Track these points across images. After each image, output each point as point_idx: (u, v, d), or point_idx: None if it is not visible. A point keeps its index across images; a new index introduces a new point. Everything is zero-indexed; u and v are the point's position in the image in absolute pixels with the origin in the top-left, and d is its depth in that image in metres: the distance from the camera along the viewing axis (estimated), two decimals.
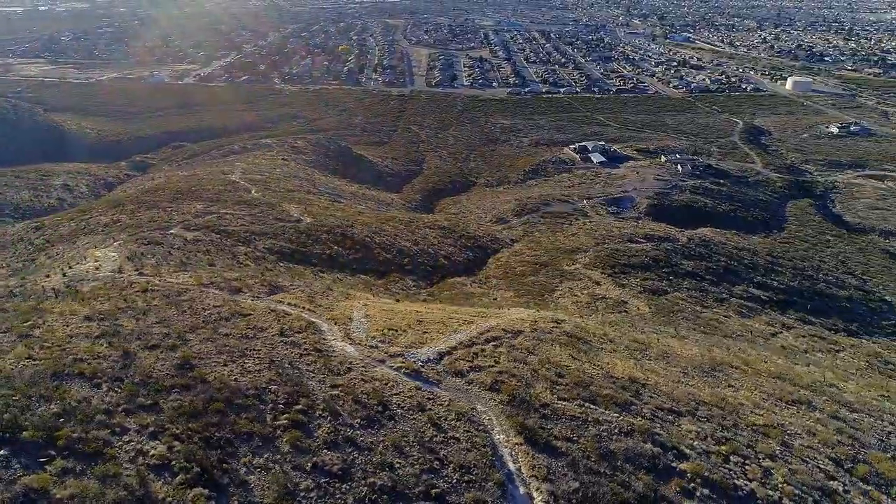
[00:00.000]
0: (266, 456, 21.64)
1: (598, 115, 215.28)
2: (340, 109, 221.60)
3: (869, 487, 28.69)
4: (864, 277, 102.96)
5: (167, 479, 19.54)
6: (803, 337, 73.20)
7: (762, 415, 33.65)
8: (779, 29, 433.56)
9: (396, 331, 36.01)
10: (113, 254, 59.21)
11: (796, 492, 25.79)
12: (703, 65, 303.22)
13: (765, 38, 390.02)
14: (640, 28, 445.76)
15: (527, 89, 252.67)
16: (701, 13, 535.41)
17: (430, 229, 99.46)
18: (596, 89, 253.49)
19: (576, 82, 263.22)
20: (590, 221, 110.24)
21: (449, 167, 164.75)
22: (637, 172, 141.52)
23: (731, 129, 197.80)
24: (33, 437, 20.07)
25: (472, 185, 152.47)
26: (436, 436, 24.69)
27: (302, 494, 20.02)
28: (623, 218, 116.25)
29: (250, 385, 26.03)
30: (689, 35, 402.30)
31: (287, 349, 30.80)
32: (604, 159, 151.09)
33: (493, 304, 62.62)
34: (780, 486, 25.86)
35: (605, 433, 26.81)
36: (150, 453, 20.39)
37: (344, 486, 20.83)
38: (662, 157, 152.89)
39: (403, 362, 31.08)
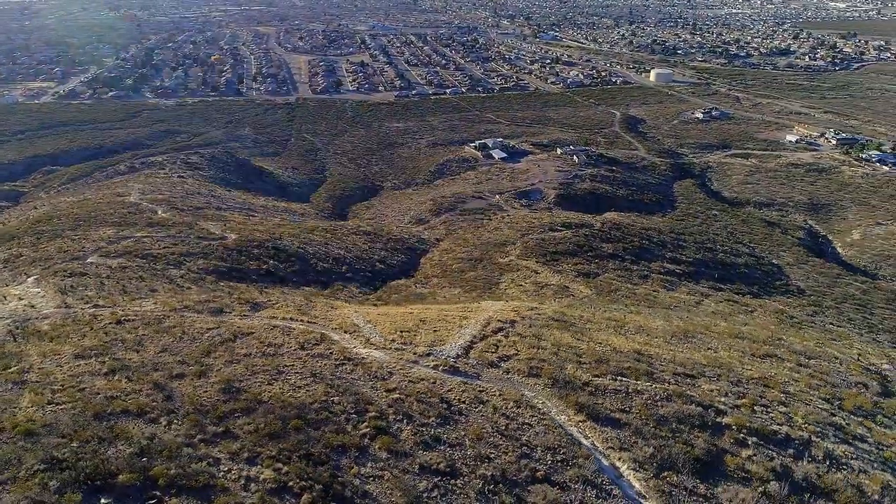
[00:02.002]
0: (370, 465, 21.17)
1: (488, 113, 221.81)
2: (225, 122, 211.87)
3: (859, 418, 32.65)
4: (752, 245, 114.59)
5: (291, 501, 18.62)
6: (721, 302, 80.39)
7: (752, 369, 37.11)
8: (634, 26, 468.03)
9: (408, 332, 35.91)
10: (35, 289, 53.72)
11: (817, 429, 28.89)
12: (574, 61, 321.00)
13: (623, 34, 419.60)
14: (509, 28, 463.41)
15: (414, 92, 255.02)
16: (562, 13, 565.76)
17: (356, 235, 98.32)
18: (480, 89, 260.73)
19: (460, 83, 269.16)
20: (507, 215, 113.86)
21: (352, 173, 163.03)
22: (538, 165, 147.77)
23: (611, 120, 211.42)
24: (130, 481, 18.34)
25: (379, 189, 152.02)
26: (509, 424, 25.22)
27: (425, 496, 19.85)
28: (536, 209, 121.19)
29: (311, 400, 25.12)
30: (557, 34, 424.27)
31: (320, 361, 29.90)
32: (505, 155, 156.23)
33: (454, 301, 63.38)
34: (803, 426, 28.85)
35: (649, 401, 28.55)
36: (260, 479, 19.29)
37: (458, 481, 20.88)
38: (558, 149, 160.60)
39: (436, 361, 31.21)
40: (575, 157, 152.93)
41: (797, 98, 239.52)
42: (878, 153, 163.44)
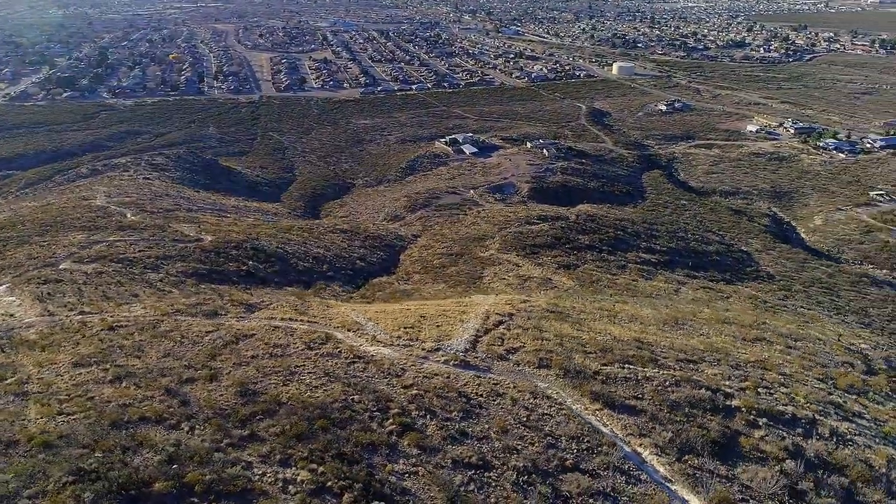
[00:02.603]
0: (402, 461, 21.08)
1: (455, 108, 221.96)
2: (188, 122, 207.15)
3: (853, 396, 33.85)
4: (721, 233, 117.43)
5: (333, 501, 18.41)
6: (698, 289, 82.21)
7: (746, 353, 38.10)
8: (594, 20, 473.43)
9: (411, 328, 35.80)
10: (10, 298, 51.76)
11: (819, 408, 29.86)
12: (537, 55, 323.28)
13: (584, 28, 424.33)
14: (471, 23, 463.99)
15: (379, 88, 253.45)
16: (524, 7, 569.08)
17: (333, 234, 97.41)
18: (446, 84, 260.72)
19: (426, 79, 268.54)
20: (483, 210, 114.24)
21: (322, 171, 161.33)
22: (510, 160, 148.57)
23: (577, 113, 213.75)
24: (166, 489, 17.86)
25: (350, 187, 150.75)
26: (529, 415, 25.40)
27: (462, 490, 19.85)
28: (510, 203, 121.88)
29: (332, 399, 24.85)
30: (519, 28, 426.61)
31: (330, 360, 29.60)
32: (475, 150, 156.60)
33: (440, 296, 63.35)
34: (805, 406, 29.78)
35: (659, 387, 29.07)
36: (297, 480, 19.02)
37: (491, 474, 20.95)
38: (528, 143, 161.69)
39: (446, 356, 31.21)
40: (545, 150, 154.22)
41: (755, 89, 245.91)
42: (835, 141, 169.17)
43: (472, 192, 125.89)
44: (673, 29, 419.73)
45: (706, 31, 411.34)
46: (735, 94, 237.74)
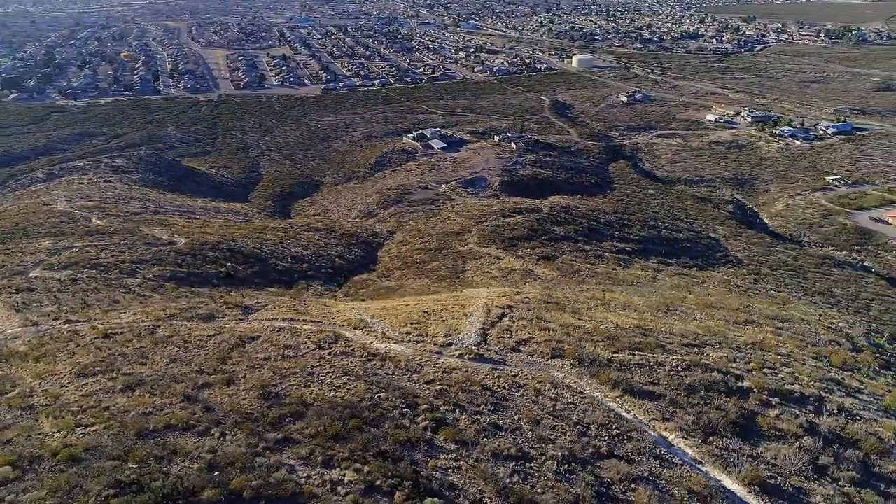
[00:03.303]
0: (443, 457, 20.99)
1: (419, 103, 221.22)
2: (145, 122, 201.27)
3: (849, 373, 35.10)
4: (689, 220, 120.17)
5: (385, 500, 18.19)
6: (674, 276, 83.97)
7: (742, 335, 39.11)
8: (551, 13, 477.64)
9: (417, 324, 35.66)
10: None
11: (822, 386, 30.88)
12: (498, 49, 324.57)
13: (542, 21, 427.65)
14: (429, 18, 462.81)
15: (341, 84, 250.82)
16: (481, 2, 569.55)
17: (308, 232, 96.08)
18: (408, 79, 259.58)
19: (388, 74, 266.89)
20: (457, 204, 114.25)
21: (289, 170, 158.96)
22: (479, 154, 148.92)
23: (541, 106, 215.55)
24: (215, 497, 17.35)
25: (319, 185, 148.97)
26: (555, 405, 25.59)
27: (508, 481, 19.86)
28: (483, 197, 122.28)
29: (358, 398, 24.54)
30: (477, 23, 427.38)
31: (345, 359, 29.24)
32: (444, 144, 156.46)
33: (425, 291, 63.14)
34: (810, 384, 30.75)
35: (672, 372, 29.63)
36: (345, 481, 18.72)
37: (532, 464, 21.02)
38: (496, 136, 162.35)
39: (459, 350, 31.20)
40: (513, 143, 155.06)
41: (710, 79, 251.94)
42: (790, 128, 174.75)
43: (444, 186, 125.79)
44: (628, 21, 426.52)
45: (660, 23, 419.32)
46: (692, 84, 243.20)
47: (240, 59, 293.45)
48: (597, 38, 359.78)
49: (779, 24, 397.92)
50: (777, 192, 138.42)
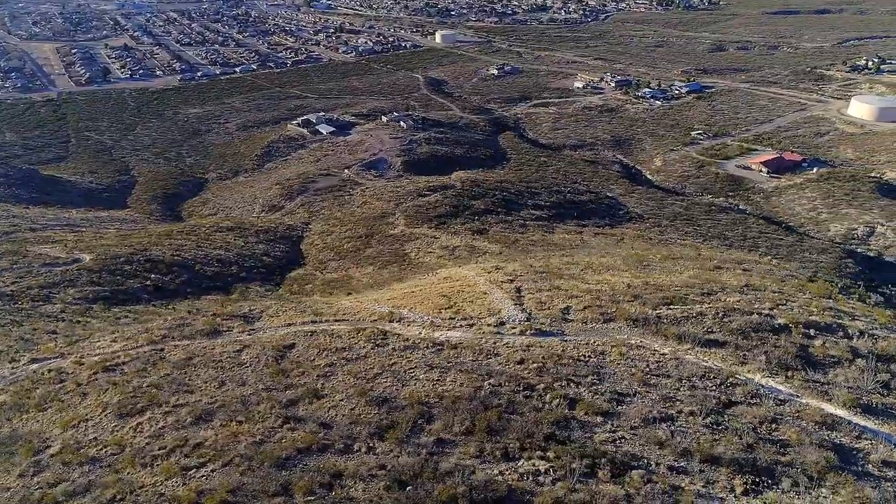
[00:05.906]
0: (598, 430, 20.87)
1: (290, 88, 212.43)
2: None
3: (831, 301, 39.18)
4: (586, 183, 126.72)
5: (591, 481, 17.80)
6: (594, 236, 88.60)
7: (731, 279, 42.27)
8: None
9: (449, 309, 34.89)
10: None
11: (831, 314, 34.24)
12: (358, 28, 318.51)
13: None
14: None
15: (199, 73, 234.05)
16: None
17: (220, 233, 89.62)
18: (272, 64, 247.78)
19: (248, 60, 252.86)
20: (367, 188, 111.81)
21: (165, 169, 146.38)
22: (371, 135, 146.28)
23: (416, 84, 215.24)
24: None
25: (204, 182, 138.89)
26: (647, 366, 26.40)
27: (670, 442, 20.20)
28: (389, 178, 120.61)
29: (472, 389, 23.63)
30: (331, 2, 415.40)
31: (416, 353, 27.99)
32: (333, 129, 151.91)
33: (378, 280, 61.62)
34: (822, 314, 33.99)
35: (717, 320, 31.44)
36: (541, 470, 18.03)
37: (680, 423, 21.53)
38: (383, 117, 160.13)
39: (516, 327, 31.01)
40: (402, 122, 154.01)
41: (568, 48, 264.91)
42: (649, 90, 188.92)
43: (346, 171, 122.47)
44: None
45: None
46: (553, 54, 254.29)
47: (73, 52, 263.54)
48: (452, 13, 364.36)
49: None
50: (653, 150, 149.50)
